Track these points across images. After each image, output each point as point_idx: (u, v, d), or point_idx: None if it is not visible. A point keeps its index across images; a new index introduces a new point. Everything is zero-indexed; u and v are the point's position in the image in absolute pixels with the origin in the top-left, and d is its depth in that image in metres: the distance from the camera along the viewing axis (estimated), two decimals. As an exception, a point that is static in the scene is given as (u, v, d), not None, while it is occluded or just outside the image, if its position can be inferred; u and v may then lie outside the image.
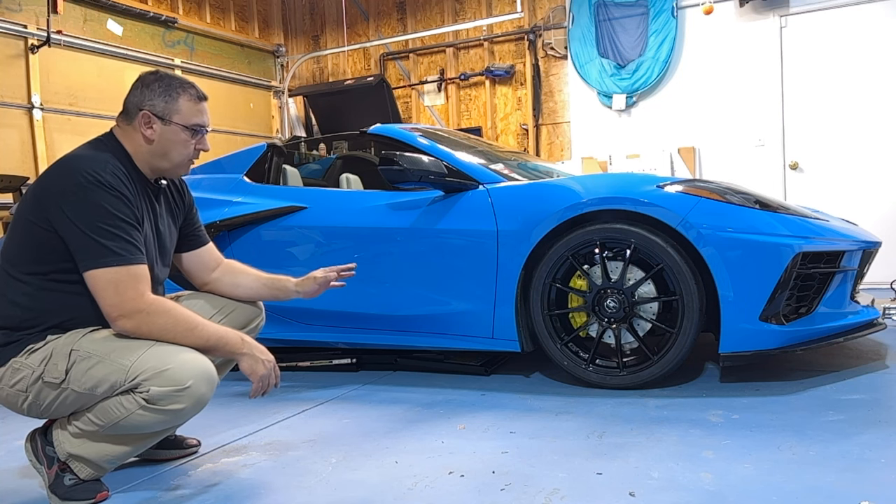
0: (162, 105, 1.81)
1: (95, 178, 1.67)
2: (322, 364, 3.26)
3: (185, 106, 1.82)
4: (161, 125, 1.81)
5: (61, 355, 1.69)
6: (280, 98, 7.11)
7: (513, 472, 1.82)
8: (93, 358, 1.67)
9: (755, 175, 5.36)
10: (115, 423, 1.69)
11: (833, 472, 1.69)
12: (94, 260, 1.65)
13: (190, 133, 1.84)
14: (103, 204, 1.66)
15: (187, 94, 1.84)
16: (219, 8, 6.61)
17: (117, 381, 1.65)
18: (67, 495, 1.73)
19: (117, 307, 1.66)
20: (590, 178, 2.80)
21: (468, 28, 6.40)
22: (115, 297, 1.65)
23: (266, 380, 1.81)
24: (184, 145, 1.84)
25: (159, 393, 1.64)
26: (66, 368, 1.67)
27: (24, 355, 1.70)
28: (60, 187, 1.67)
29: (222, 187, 3.40)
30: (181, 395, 1.65)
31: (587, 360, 2.63)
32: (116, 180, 1.70)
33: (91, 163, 1.70)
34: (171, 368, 1.65)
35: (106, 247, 1.65)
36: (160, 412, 1.66)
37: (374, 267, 2.97)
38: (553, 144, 6.24)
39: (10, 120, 4.72)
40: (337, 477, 1.86)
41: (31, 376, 1.69)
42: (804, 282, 2.51)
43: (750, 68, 5.44)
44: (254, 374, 1.79)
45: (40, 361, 1.69)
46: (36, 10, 4.90)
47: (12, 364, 1.70)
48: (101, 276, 1.65)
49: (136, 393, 1.65)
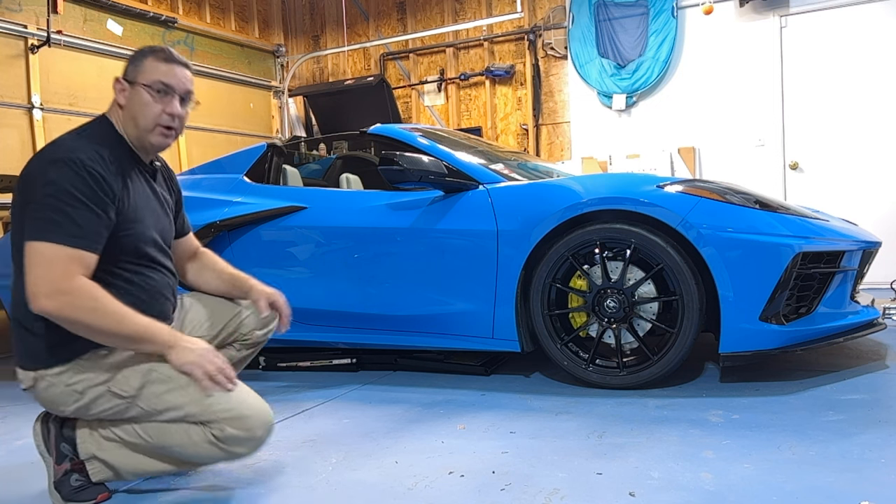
0: (131, 69, 1.77)
1: (66, 157, 1.61)
2: (322, 364, 3.26)
3: (149, 65, 1.75)
4: (130, 88, 1.76)
5: (136, 371, 1.66)
6: (280, 98, 7.11)
7: (513, 472, 1.82)
8: (171, 382, 1.65)
9: (755, 175, 5.36)
10: (170, 446, 1.68)
11: (833, 472, 1.69)
12: (36, 232, 1.56)
13: (152, 92, 1.74)
14: (64, 182, 1.58)
15: (154, 56, 1.77)
16: (219, 8, 6.61)
17: (193, 413, 1.64)
18: (70, 497, 1.72)
19: (42, 284, 1.54)
20: (590, 178, 2.80)
21: (468, 28, 6.40)
22: (42, 273, 1.54)
23: (200, 366, 1.63)
24: (147, 106, 1.74)
25: (233, 436, 1.64)
26: (139, 385, 1.65)
27: (89, 358, 1.67)
28: (33, 173, 1.63)
29: (222, 187, 3.40)
30: (248, 441, 1.66)
31: (587, 360, 2.63)
32: (91, 160, 1.64)
33: (66, 144, 1.66)
34: (251, 417, 1.65)
35: (54, 222, 1.56)
36: (223, 450, 1.66)
37: (374, 267, 2.97)
38: (553, 144, 6.24)
39: (10, 120, 4.72)
40: (337, 477, 1.86)
41: (95, 381, 1.66)
42: (804, 282, 2.51)
43: (750, 68, 5.44)
44: (186, 363, 1.63)
45: (108, 368, 1.66)
46: (36, 10, 4.90)
47: (77, 363, 1.66)
48: (37, 249, 1.55)
49: (208, 427, 1.64)
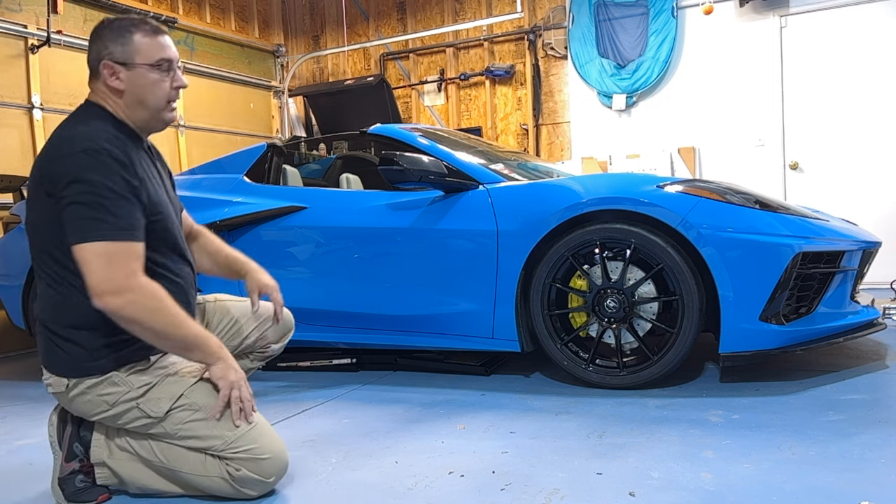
0: (119, 49, 1.66)
1: (90, 147, 1.57)
2: (322, 364, 3.26)
3: (142, 43, 1.67)
4: (126, 71, 1.67)
5: (167, 395, 1.66)
6: (280, 98, 7.11)
7: (513, 472, 1.82)
8: (200, 412, 1.66)
9: (755, 175, 5.36)
10: (183, 471, 1.68)
11: (833, 472, 1.69)
12: (85, 233, 1.54)
13: (159, 71, 1.69)
14: (96, 174, 1.55)
15: (141, 31, 1.68)
16: (219, 8, 6.61)
17: (214, 446, 1.65)
18: (73, 497, 1.72)
19: (107, 282, 1.53)
20: (590, 178, 2.80)
21: (468, 28, 6.40)
22: (105, 272, 1.53)
23: (237, 386, 1.67)
24: (157, 85, 1.69)
25: (248, 477, 1.66)
26: (168, 409, 1.65)
27: (126, 371, 1.67)
28: (51, 165, 1.57)
29: (222, 187, 3.40)
30: (259, 485, 1.68)
31: (587, 360, 2.63)
32: (112, 146, 1.60)
33: (82, 132, 1.60)
34: (269, 459, 1.67)
35: (99, 219, 1.54)
36: (234, 488, 1.67)
37: (374, 267, 2.97)
38: (553, 144, 6.24)
39: (10, 120, 4.71)
40: (337, 477, 1.86)
41: (127, 395, 1.66)
42: (804, 282, 2.51)
43: (750, 68, 5.44)
44: (223, 379, 1.67)
45: (142, 385, 1.66)
46: (36, 10, 4.90)
47: (112, 377, 1.65)
48: (92, 249, 1.53)
49: (226, 463, 1.65)
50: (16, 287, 3.64)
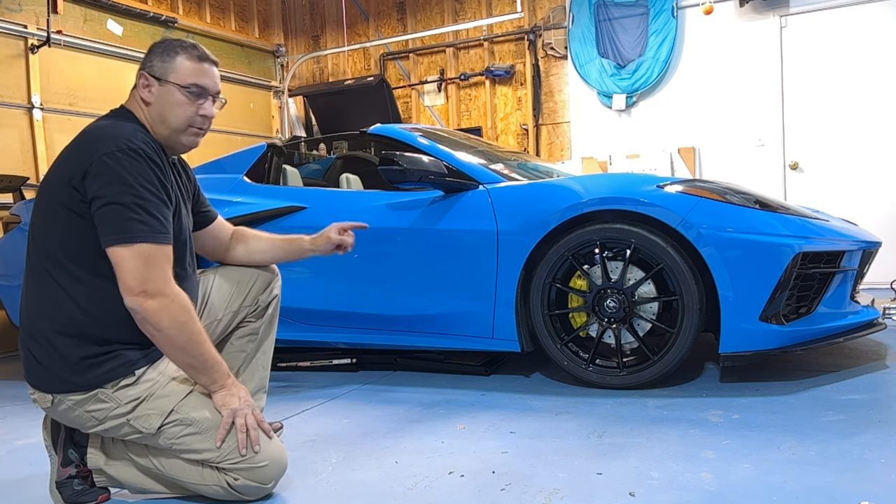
0: (159, 64, 1.69)
1: (127, 145, 1.56)
2: (322, 364, 3.26)
3: (182, 64, 1.69)
4: (158, 85, 1.69)
5: (157, 411, 1.62)
6: (280, 98, 7.11)
7: (513, 472, 1.81)
8: (192, 427, 1.63)
9: (755, 175, 5.36)
10: (182, 480, 1.67)
11: (833, 472, 1.69)
12: (122, 234, 1.52)
13: (187, 94, 1.69)
14: (135, 175, 1.54)
15: (186, 53, 1.70)
16: (219, 8, 6.61)
17: (211, 458, 1.63)
18: (72, 499, 1.71)
19: (145, 282, 1.52)
20: (590, 178, 2.80)
21: (468, 28, 6.39)
22: (144, 272, 1.52)
23: (241, 414, 1.63)
24: (181, 107, 1.69)
25: (247, 486, 1.65)
26: (159, 425, 1.62)
27: (112, 388, 1.61)
28: (89, 161, 1.55)
29: (222, 187, 3.40)
30: (258, 491, 1.67)
31: (587, 360, 2.63)
32: (149, 148, 1.60)
33: (119, 132, 1.59)
34: (268, 466, 1.65)
35: (140, 221, 1.53)
36: (232, 496, 1.66)
37: (374, 267, 2.97)
38: (553, 144, 6.24)
39: (10, 120, 4.71)
40: (337, 477, 1.86)
41: (115, 412, 1.61)
42: (804, 282, 2.51)
43: (750, 68, 5.44)
44: (225, 407, 1.63)
45: (130, 401, 1.61)
46: (36, 10, 4.90)
47: (98, 394, 1.60)
48: (130, 250, 1.52)
49: (224, 473, 1.63)
50: (16, 287, 3.63)
